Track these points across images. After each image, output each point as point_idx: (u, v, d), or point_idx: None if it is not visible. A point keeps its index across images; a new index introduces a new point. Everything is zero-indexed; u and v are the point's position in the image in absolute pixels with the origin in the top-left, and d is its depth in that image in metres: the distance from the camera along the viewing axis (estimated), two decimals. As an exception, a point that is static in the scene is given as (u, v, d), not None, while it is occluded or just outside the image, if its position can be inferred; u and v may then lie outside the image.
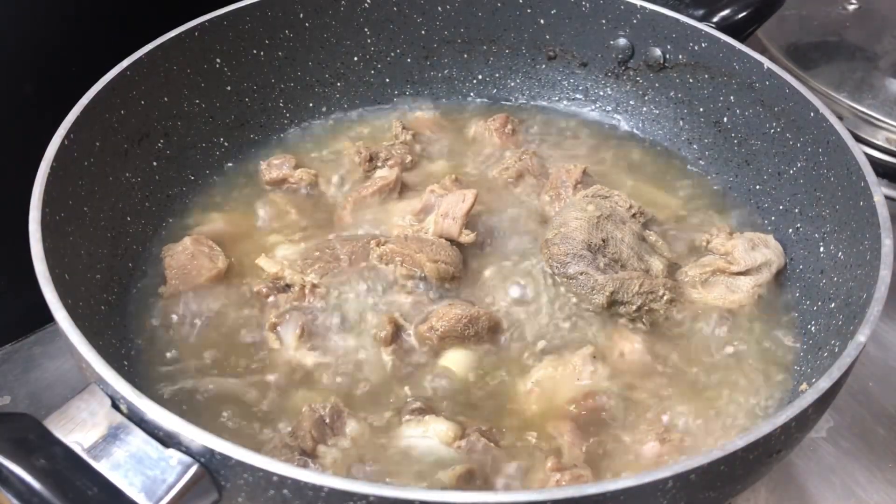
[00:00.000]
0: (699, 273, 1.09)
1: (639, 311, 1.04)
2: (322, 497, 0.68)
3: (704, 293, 1.08)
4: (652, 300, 1.04)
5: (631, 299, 1.03)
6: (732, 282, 1.08)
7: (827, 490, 1.08)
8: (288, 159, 1.23)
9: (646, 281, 1.04)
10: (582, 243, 1.05)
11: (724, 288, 1.08)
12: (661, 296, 1.04)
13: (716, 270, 1.09)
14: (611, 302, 1.03)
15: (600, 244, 1.06)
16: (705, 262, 1.10)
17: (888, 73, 1.48)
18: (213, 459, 0.71)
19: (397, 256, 1.03)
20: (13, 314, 1.19)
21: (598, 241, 1.06)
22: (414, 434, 0.90)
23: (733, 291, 1.07)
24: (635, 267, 1.06)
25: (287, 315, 1.01)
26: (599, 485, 0.68)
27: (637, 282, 1.04)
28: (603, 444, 0.93)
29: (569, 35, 1.35)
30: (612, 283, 1.03)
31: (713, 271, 1.09)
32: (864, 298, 0.89)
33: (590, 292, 1.04)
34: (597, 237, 1.06)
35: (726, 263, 1.09)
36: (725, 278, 1.08)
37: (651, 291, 1.04)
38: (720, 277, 1.08)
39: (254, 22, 1.23)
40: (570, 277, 1.05)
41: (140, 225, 1.12)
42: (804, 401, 0.76)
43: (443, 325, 0.98)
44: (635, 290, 1.03)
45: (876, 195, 0.96)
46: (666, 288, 1.05)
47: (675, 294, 1.06)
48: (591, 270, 1.04)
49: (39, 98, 1.09)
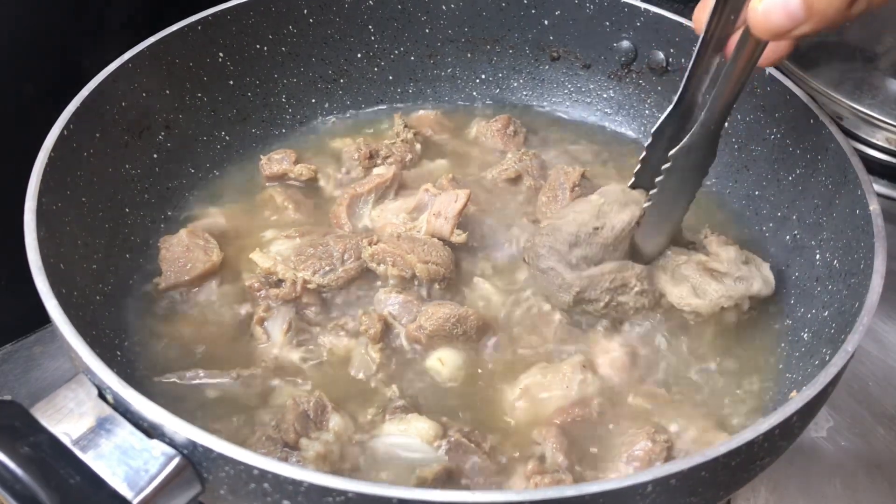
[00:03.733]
0: (675, 259, 1.04)
1: (606, 308, 1.02)
2: (301, 492, 0.69)
3: (670, 285, 1.03)
4: (621, 293, 1.01)
5: (598, 297, 1.01)
6: (701, 284, 1.02)
7: (827, 490, 1.08)
8: (288, 154, 1.23)
9: (618, 275, 1.01)
10: (569, 235, 1.02)
11: (689, 288, 1.02)
12: (631, 287, 1.01)
13: (694, 262, 1.04)
14: (577, 300, 1.01)
15: (591, 232, 1.02)
16: (687, 251, 1.06)
17: (888, 73, 1.47)
18: (196, 451, 0.72)
19: (388, 256, 1.03)
20: (13, 314, 1.21)
21: (589, 229, 1.02)
22: (395, 431, 0.90)
23: (697, 295, 1.02)
24: (620, 256, 1.03)
25: (275, 310, 1.02)
26: (579, 487, 0.68)
27: (608, 277, 1.00)
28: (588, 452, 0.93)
29: (572, 37, 1.35)
30: (580, 281, 1.00)
31: (690, 262, 1.04)
32: (856, 307, 0.88)
33: (557, 290, 1.02)
34: (590, 226, 1.02)
35: (708, 258, 1.04)
36: (697, 277, 1.02)
37: (623, 284, 1.01)
38: (692, 274, 1.03)
39: (257, 17, 1.24)
40: (542, 272, 1.03)
41: (138, 217, 1.13)
42: (788, 409, 0.76)
43: (431, 325, 0.99)
44: (605, 287, 1.00)
45: (871, 204, 0.95)
46: (639, 279, 1.02)
47: (646, 286, 1.02)
48: (561, 267, 1.01)
49: (40, 98, 1.10)
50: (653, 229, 1.03)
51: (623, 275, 1.01)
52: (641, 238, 1.03)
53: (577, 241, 1.02)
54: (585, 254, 1.02)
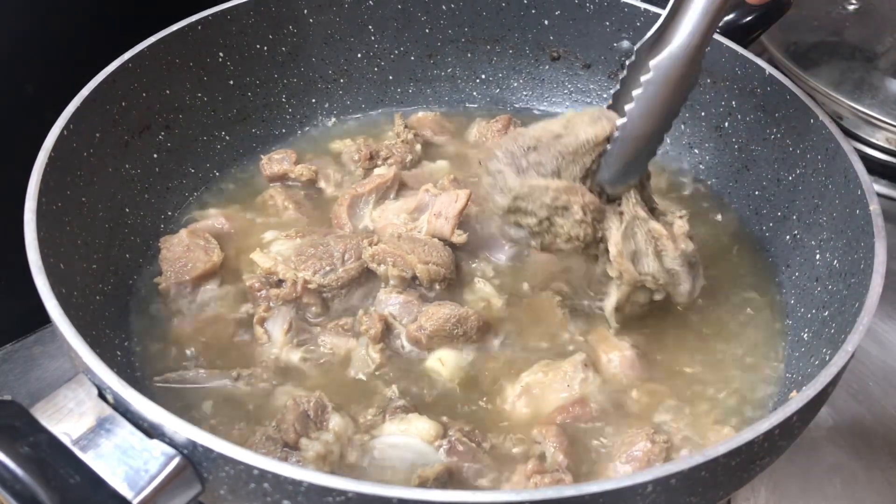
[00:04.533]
0: (635, 212, 0.97)
1: (539, 226, 0.94)
2: (301, 492, 0.69)
3: (616, 233, 0.95)
4: (560, 215, 0.93)
5: (535, 210, 0.93)
6: (642, 252, 0.96)
7: (827, 490, 1.08)
8: (289, 155, 1.23)
9: (564, 196, 0.93)
10: (530, 139, 0.94)
11: (631, 248, 0.96)
12: (573, 213, 0.93)
13: (650, 229, 0.97)
14: (513, 209, 0.94)
15: (552, 138, 0.94)
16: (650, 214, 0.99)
17: (888, 73, 1.48)
18: (196, 451, 0.72)
19: (389, 257, 1.03)
20: (13, 314, 1.20)
21: (551, 135, 0.94)
22: (396, 431, 0.90)
23: (632, 259, 0.95)
24: (575, 178, 0.94)
25: (276, 310, 1.02)
26: (578, 487, 0.68)
27: (552, 193, 0.92)
28: (588, 451, 0.93)
29: (572, 37, 1.35)
30: (522, 188, 0.93)
31: (647, 226, 0.97)
32: (856, 307, 0.88)
33: (496, 192, 0.95)
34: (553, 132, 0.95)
35: (664, 233, 0.97)
36: (643, 244, 0.96)
37: (565, 207, 0.93)
38: (641, 238, 0.96)
39: (257, 17, 1.24)
40: (489, 174, 0.95)
41: (139, 217, 1.13)
42: (788, 408, 0.76)
43: (431, 325, 0.99)
44: (545, 202, 0.93)
45: (872, 204, 0.95)
46: (585, 208, 0.93)
47: (589, 219, 0.94)
48: (509, 171, 0.93)
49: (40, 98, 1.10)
50: (620, 159, 0.94)
51: (569, 197, 0.93)
52: (606, 168, 0.95)
53: (537, 145, 0.94)
54: (539, 160, 0.94)
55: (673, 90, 0.91)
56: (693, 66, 0.91)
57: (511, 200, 0.94)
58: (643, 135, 0.93)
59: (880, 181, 1.46)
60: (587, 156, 0.94)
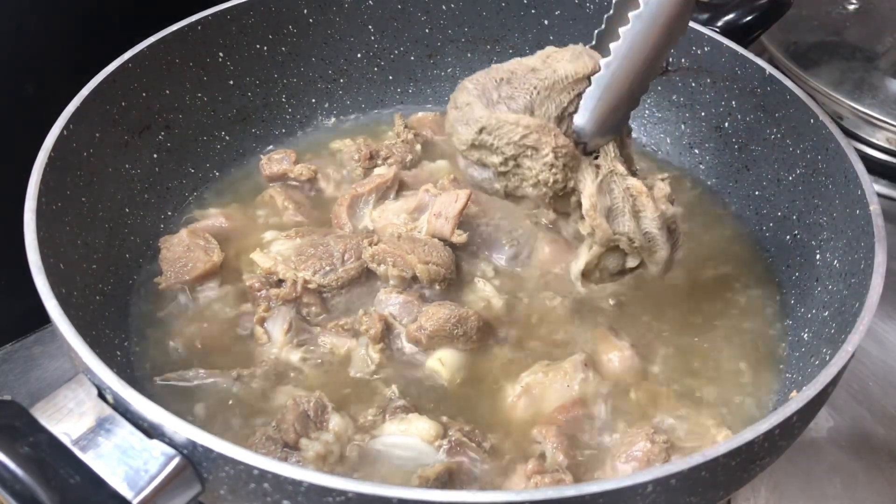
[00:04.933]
0: (614, 165, 0.89)
1: (504, 166, 0.87)
2: (301, 492, 0.69)
3: (591, 185, 0.88)
4: (528, 156, 0.86)
5: (501, 148, 0.86)
6: (618, 209, 0.89)
7: (827, 490, 1.08)
8: (288, 154, 1.24)
9: (534, 134, 0.85)
10: (504, 72, 0.88)
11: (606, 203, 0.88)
12: (542, 155, 0.85)
13: (629, 186, 0.90)
14: (475, 143, 0.86)
15: (528, 71, 0.87)
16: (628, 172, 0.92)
17: (888, 73, 1.48)
18: (196, 451, 0.72)
19: (389, 257, 1.03)
20: (13, 314, 1.20)
21: (527, 69, 0.88)
22: (396, 431, 0.90)
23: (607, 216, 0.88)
24: (549, 116, 0.86)
25: (276, 310, 1.02)
26: (578, 487, 0.68)
27: (521, 130, 0.85)
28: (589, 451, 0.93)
29: (572, 36, 1.31)
30: (489, 119, 0.85)
31: (625, 182, 0.90)
32: (856, 307, 0.88)
33: (460, 124, 0.87)
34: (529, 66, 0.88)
35: (644, 192, 0.90)
36: (619, 201, 0.89)
37: (535, 147, 0.85)
38: (618, 195, 0.89)
39: (257, 17, 1.23)
40: (457, 107, 0.88)
41: (138, 217, 1.13)
42: (788, 408, 0.76)
43: (431, 325, 0.98)
44: (512, 139, 0.85)
45: (872, 204, 0.95)
46: (556, 151, 0.85)
47: (560, 164, 0.86)
48: (478, 103, 0.86)
49: (40, 98, 1.10)
50: (600, 103, 0.86)
51: (540, 136, 0.85)
52: (585, 112, 0.87)
53: (510, 77, 0.87)
54: (512, 94, 0.86)
55: (663, 27, 0.84)
56: (686, 2, 0.84)
57: (476, 133, 0.86)
58: (627, 76, 0.86)
59: (880, 181, 1.46)
60: (564, 93, 0.86)
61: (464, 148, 0.88)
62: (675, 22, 0.84)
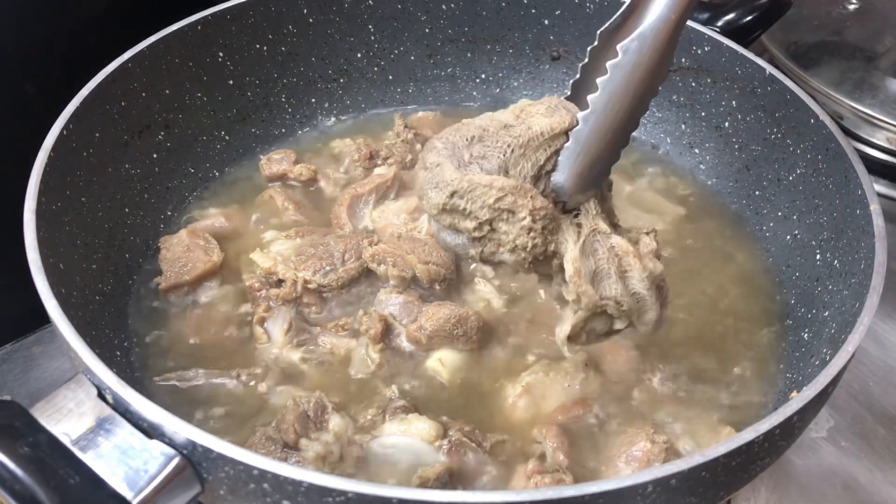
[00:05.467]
0: (597, 224, 0.84)
1: (479, 230, 0.81)
2: (301, 492, 0.69)
3: (573, 248, 0.82)
4: (504, 219, 0.80)
5: (475, 211, 0.80)
6: (604, 271, 0.83)
7: (827, 490, 1.08)
8: (288, 155, 1.24)
9: (510, 197, 0.79)
10: (475, 129, 0.82)
11: (590, 267, 0.83)
12: (519, 218, 0.79)
13: (613, 245, 0.84)
14: (447, 207, 0.80)
15: (500, 128, 0.82)
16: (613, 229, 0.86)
17: (888, 73, 1.48)
18: (196, 452, 0.72)
19: (389, 257, 1.03)
20: (13, 314, 1.20)
21: (500, 125, 0.82)
22: (396, 431, 0.90)
23: (591, 280, 0.82)
24: (525, 176, 0.81)
25: (276, 310, 1.02)
26: (578, 487, 0.68)
27: (495, 193, 0.79)
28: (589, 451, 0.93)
29: (573, 36, 1.34)
30: (461, 182, 0.79)
31: (610, 241, 0.84)
32: (856, 307, 0.88)
33: (430, 188, 0.81)
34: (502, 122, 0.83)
35: (629, 250, 0.84)
36: (605, 262, 0.83)
37: (511, 210, 0.79)
38: (602, 255, 0.83)
39: (257, 17, 1.23)
40: (427, 168, 0.82)
41: (138, 217, 1.12)
42: (788, 409, 0.75)
43: (431, 325, 0.99)
44: (487, 202, 0.79)
45: (872, 204, 0.95)
46: (534, 213, 0.80)
47: (539, 227, 0.80)
48: (448, 164, 0.80)
49: (40, 98, 1.10)
50: (580, 159, 0.81)
51: (516, 198, 0.79)
52: (563, 169, 0.82)
53: (482, 135, 0.81)
54: (484, 153, 0.81)
55: (644, 76, 0.78)
56: (668, 49, 0.78)
57: (447, 197, 0.80)
58: (607, 129, 0.80)
59: (880, 181, 1.46)
60: (540, 150, 0.81)
61: (435, 212, 0.82)
62: (656, 70, 0.78)
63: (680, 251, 1.17)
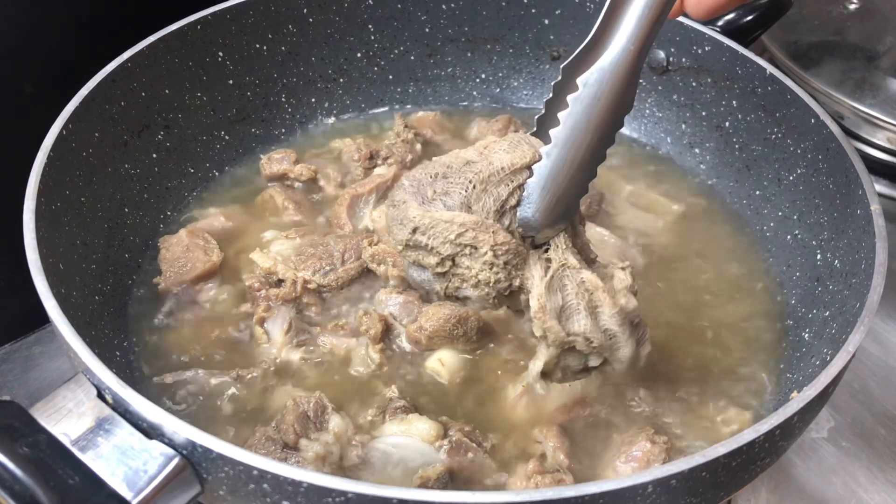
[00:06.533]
0: (565, 258, 0.82)
1: (441, 266, 0.82)
2: (301, 492, 0.69)
3: (539, 284, 0.82)
4: (466, 255, 0.81)
5: (437, 247, 0.81)
6: (572, 307, 0.82)
7: (827, 490, 1.08)
8: (288, 154, 1.23)
9: (472, 232, 0.79)
10: (440, 166, 0.83)
11: (557, 303, 0.82)
12: (481, 254, 0.80)
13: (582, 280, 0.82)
14: (410, 243, 0.82)
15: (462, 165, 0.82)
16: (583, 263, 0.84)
17: (889, 73, 1.48)
18: (195, 452, 0.72)
19: (389, 257, 1.03)
20: (13, 314, 1.20)
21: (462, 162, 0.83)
22: (396, 432, 0.90)
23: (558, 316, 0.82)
24: (488, 212, 0.81)
25: (276, 310, 1.01)
26: (578, 487, 0.68)
27: (456, 228, 0.80)
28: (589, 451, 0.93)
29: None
30: (423, 218, 0.81)
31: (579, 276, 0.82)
32: (857, 307, 0.88)
33: (394, 224, 0.83)
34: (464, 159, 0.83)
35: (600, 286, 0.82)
36: (573, 297, 0.82)
37: (473, 246, 0.80)
38: (571, 291, 0.82)
39: (257, 16, 1.23)
40: (394, 205, 0.84)
41: (138, 217, 1.12)
42: (789, 409, 0.75)
43: (431, 325, 0.98)
44: (448, 238, 0.80)
45: (873, 204, 0.95)
46: (496, 249, 0.80)
47: (502, 262, 0.81)
48: (413, 201, 0.82)
49: (40, 98, 1.10)
50: (544, 192, 0.81)
51: (476, 234, 0.80)
52: (529, 204, 0.82)
53: (446, 172, 0.82)
54: (447, 189, 0.81)
55: (605, 109, 0.78)
56: (629, 81, 0.78)
57: (409, 233, 0.81)
58: (570, 162, 0.80)
59: (881, 181, 1.46)
60: (502, 185, 0.81)
61: (400, 248, 0.83)
62: (618, 102, 0.78)
63: (680, 251, 1.17)
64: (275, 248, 1.08)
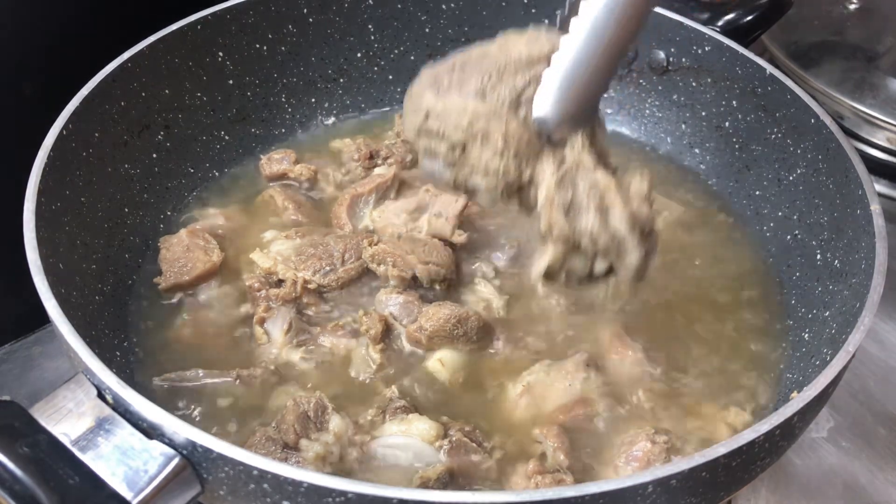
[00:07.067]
0: (581, 158, 0.81)
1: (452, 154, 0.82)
2: (301, 492, 0.69)
3: (550, 178, 0.80)
4: (477, 142, 0.80)
5: (447, 133, 0.81)
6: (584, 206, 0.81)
7: (827, 490, 1.08)
8: (288, 154, 1.24)
9: (484, 121, 0.79)
10: (460, 59, 0.83)
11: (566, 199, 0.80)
12: (492, 141, 0.79)
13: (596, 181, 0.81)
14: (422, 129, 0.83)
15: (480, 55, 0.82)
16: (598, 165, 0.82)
17: (889, 73, 1.48)
18: (196, 452, 0.72)
19: (389, 257, 1.03)
20: (13, 314, 1.20)
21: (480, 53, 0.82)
22: (396, 432, 0.90)
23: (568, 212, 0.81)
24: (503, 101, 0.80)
25: (275, 310, 1.01)
26: (578, 487, 0.68)
27: (468, 116, 0.80)
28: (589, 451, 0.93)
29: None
30: (435, 104, 0.81)
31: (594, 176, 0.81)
32: (857, 307, 0.88)
33: (411, 112, 0.84)
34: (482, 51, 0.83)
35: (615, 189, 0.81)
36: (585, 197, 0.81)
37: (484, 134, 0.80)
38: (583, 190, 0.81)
39: (257, 16, 1.23)
40: (410, 96, 0.84)
41: (138, 217, 1.12)
42: (789, 409, 0.75)
43: (431, 325, 0.98)
44: (460, 124, 0.80)
45: (873, 204, 0.95)
46: (508, 139, 0.79)
47: (512, 151, 0.80)
48: (428, 92, 0.82)
49: (40, 98, 1.10)
50: (562, 86, 0.78)
51: (489, 122, 0.79)
52: (545, 98, 0.79)
53: (463, 64, 0.82)
54: (463, 79, 0.80)
55: (630, 3, 0.75)
56: None
57: (423, 119, 0.81)
58: (590, 55, 0.76)
59: (881, 181, 1.46)
60: (518, 75, 0.79)
61: (412, 135, 0.83)
62: None
63: (680, 251, 1.16)
64: (275, 248, 1.07)
